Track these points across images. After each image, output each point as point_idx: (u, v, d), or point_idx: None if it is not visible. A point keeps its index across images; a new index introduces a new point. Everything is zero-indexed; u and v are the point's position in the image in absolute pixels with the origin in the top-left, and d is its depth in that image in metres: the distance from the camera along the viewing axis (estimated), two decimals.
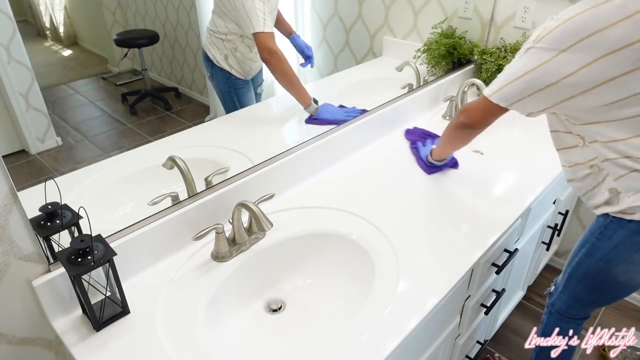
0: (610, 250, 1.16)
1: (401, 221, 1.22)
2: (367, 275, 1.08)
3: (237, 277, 1.08)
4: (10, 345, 0.95)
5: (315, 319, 1.08)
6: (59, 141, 1.00)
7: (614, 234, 1.14)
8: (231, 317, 1.05)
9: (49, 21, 1.00)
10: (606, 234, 1.16)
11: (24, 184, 0.87)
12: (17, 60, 0.88)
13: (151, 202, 1.07)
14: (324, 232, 1.18)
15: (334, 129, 1.44)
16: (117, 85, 1.15)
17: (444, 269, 1.07)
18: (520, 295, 1.93)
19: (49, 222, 0.89)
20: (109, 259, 0.87)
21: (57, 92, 1.01)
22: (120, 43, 1.13)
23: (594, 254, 1.20)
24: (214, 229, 1.07)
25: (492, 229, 1.20)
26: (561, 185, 1.67)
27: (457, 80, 1.91)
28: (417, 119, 1.77)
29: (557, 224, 1.77)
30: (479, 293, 1.33)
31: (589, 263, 1.22)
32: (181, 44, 1.24)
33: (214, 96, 1.34)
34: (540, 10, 1.82)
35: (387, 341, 0.90)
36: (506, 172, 1.44)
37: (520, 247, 1.51)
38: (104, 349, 0.89)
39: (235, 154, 1.29)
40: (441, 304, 1.02)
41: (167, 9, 1.17)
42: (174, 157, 1.13)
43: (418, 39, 1.84)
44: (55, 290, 0.92)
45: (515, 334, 1.96)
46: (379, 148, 1.57)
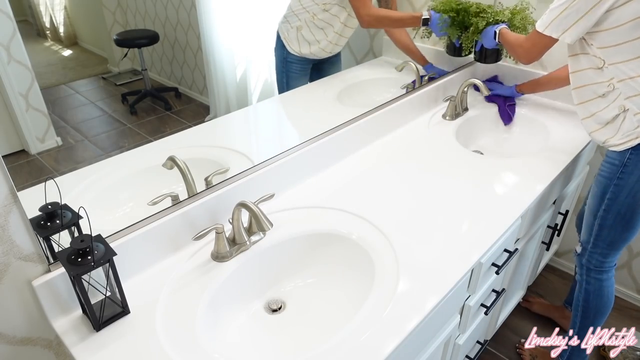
0: (636, 183, 1.29)
1: (401, 221, 1.22)
2: (367, 275, 1.08)
3: (237, 277, 1.08)
4: (10, 345, 0.95)
5: (315, 319, 1.08)
6: (59, 141, 1.00)
7: (635, 167, 1.28)
8: (231, 317, 1.05)
9: (49, 21, 1.00)
10: (627, 170, 1.29)
11: (24, 184, 0.87)
12: (17, 60, 0.88)
13: (151, 202, 1.07)
14: (324, 232, 1.18)
15: (334, 129, 1.44)
16: (117, 85, 1.15)
17: (444, 269, 1.07)
18: (520, 295, 1.93)
19: (49, 222, 0.89)
20: (109, 259, 0.87)
21: (57, 92, 1.01)
22: (120, 43, 1.13)
23: (619, 195, 1.33)
24: (214, 229, 1.07)
25: (492, 229, 1.20)
26: (561, 186, 1.67)
27: (457, 80, 1.91)
28: (417, 118, 1.77)
29: (557, 224, 1.77)
30: (479, 293, 1.33)
31: (617, 205, 1.35)
32: (181, 44, 1.24)
33: (214, 96, 1.34)
34: (540, 11, 1.81)
35: (387, 341, 0.90)
36: (506, 172, 1.44)
37: (520, 247, 1.51)
38: (104, 349, 0.89)
39: (235, 154, 1.29)
40: (441, 304, 1.02)
41: (167, 9, 1.17)
42: (174, 157, 1.13)
43: (418, 38, 1.83)
44: (55, 290, 0.92)
45: (515, 334, 1.96)
46: (378, 148, 1.57)
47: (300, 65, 1.47)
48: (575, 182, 1.89)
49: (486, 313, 1.41)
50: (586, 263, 1.50)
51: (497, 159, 1.53)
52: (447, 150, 1.56)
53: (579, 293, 1.57)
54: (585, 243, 1.49)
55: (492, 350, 1.89)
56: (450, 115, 1.77)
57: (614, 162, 1.33)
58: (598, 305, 1.54)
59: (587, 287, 1.53)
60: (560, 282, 2.22)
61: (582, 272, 1.53)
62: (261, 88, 1.47)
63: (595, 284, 1.51)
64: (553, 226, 1.77)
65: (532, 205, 1.35)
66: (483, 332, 1.64)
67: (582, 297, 1.55)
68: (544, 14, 1.26)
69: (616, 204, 1.36)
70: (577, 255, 1.54)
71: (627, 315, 2.06)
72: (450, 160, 1.50)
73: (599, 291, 1.52)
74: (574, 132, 1.65)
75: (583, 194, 2.05)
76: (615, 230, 1.40)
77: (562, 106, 1.85)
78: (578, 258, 1.54)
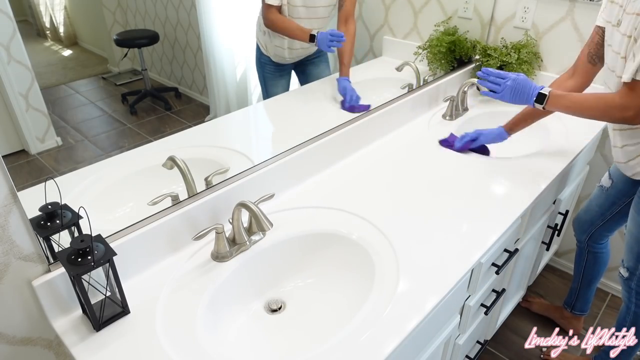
0: None
1: (401, 221, 1.22)
2: (367, 275, 1.08)
3: (237, 277, 1.08)
4: (10, 345, 0.95)
5: (315, 319, 1.08)
6: (59, 141, 1.00)
7: None
8: (231, 317, 1.05)
9: (49, 21, 1.00)
10: None
11: (24, 184, 0.87)
12: (17, 60, 0.88)
13: (151, 202, 1.07)
14: (324, 232, 1.18)
15: (334, 129, 1.44)
16: (117, 85, 1.15)
17: (444, 269, 1.07)
18: (520, 295, 1.93)
19: (49, 222, 0.89)
20: (109, 259, 0.87)
21: (57, 92, 1.01)
22: (120, 43, 1.13)
23: None
24: (214, 229, 1.07)
25: (492, 229, 1.20)
26: (561, 186, 1.67)
27: (457, 80, 1.91)
28: (417, 118, 1.77)
29: (557, 224, 1.77)
30: (479, 293, 1.33)
31: None
32: (181, 44, 1.24)
33: (213, 96, 1.34)
34: (540, 11, 1.82)
35: (387, 341, 0.90)
36: (506, 172, 1.44)
37: (520, 247, 1.51)
38: (104, 349, 0.89)
39: (235, 154, 1.29)
40: (441, 303, 1.02)
41: (167, 9, 1.17)
42: (174, 157, 1.13)
43: (418, 38, 1.84)
44: (55, 290, 0.92)
45: (515, 334, 1.96)
46: (379, 148, 1.57)
47: (274, 66, 1.47)
48: (575, 182, 1.89)
49: (486, 313, 1.42)
50: (635, 287, 1.48)
51: (497, 159, 1.53)
52: (447, 151, 1.56)
53: (626, 315, 1.55)
54: (632, 269, 1.47)
55: (492, 350, 1.89)
56: (450, 115, 1.77)
57: None
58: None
59: (637, 310, 1.52)
60: (560, 282, 2.22)
61: (631, 295, 1.51)
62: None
63: None
64: (553, 226, 1.77)
65: (532, 205, 1.35)
66: (483, 332, 1.64)
67: (631, 319, 1.54)
68: (631, 64, 1.13)
69: None
70: (625, 280, 1.52)
71: None
72: (450, 161, 1.50)
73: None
74: (573, 132, 1.65)
75: (583, 194, 2.05)
76: None
77: None
78: (626, 282, 1.52)
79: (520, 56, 1.80)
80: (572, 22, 1.77)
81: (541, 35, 1.86)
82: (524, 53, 1.81)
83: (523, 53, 1.81)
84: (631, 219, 1.43)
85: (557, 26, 1.81)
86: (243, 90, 1.44)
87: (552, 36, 1.84)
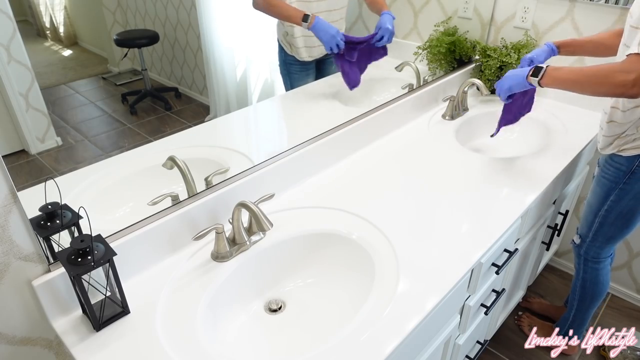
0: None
1: (401, 221, 1.22)
2: (367, 275, 1.08)
3: (237, 277, 1.08)
4: (10, 345, 0.95)
5: (315, 319, 1.08)
6: (59, 141, 1.00)
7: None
8: (231, 317, 1.05)
9: (49, 21, 1.00)
10: (635, 177, 1.33)
11: (24, 184, 0.87)
12: (17, 60, 0.88)
13: (151, 202, 1.07)
14: (324, 232, 1.18)
15: (334, 129, 1.44)
16: (117, 85, 1.15)
17: (444, 269, 1.07)
18: (520, 295, 1.93)
19: (49, 222, 0.89)
20: (109, 259, 0.87)
21: (57, 92, 1.01)
22: (120, 43, 1.13)
23: (624, 197, 1.38)
24: (214, 229, 1.07)
25: (492, 229, 1.20)
26: (561, 186, 1.67)
27: (457, 80, 1.91)
28: (417, 118, 1.77)
29: (557, 224, 1.77)
30: (479, 293, 1.33)
31: (620, 206, 1.40)
32: (181, 44, 1.24)
33: (214, 96, 1.34)
34: (540, 11, 1.82)
35: (387, 341, 0.90)
36: (506, 172, 1.44)
37: (520, 247, 1.51)
38: (104, 349, 0.89)
39: (235, 154, 1.29)
40: (441, 303, 1.02)
41: (167, 9, 1.17)
42: (174, 157, 1.13)
43: (418, 39, 1.84)
44: (55, 290, 0.92)
45: (515, 334, 1.96)
46: (379, 148, 1.57)
47: (299, 66, 1.47)
48: (575, 182, 1.89)
49: (486, 313, 1.41)
50: (584, 254, 1.59)
51: (497, 159, 1.53)
52: (447, 150, 1.56)
53: (576, 280, 1.67)
54: (584, 236, 1.56)
55: (492, 350, 1.89)
56: (450, 115, 1.77)
57: (621, 168, 1.36)
58: (594, 291, 1.64)
59: (584, 275, 1.62)
60: (560, 282, 2.22)
61: (580, 261, 1.62)
62: (261, 88, 1.47)
63: (592, 272, 1.61)
64: (553, 226, 1.77)
65: (532, 205, 1.35)
66: (483, 332, 1.64)
67: (580, 284, 1.66)
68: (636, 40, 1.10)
69: (619, 206, 1.41)
70: (576, 246, 1.62)
71: (627, 315, 2.06)
72: (450, 160, 1.50)
73: (595, 279, 1.61)
74: (574, 132, 1.65)
75: (583, 194, 2.05)
76: (615, 227, 1.47)
77: (562, 106, 1.85)
78: (576, 248, 1.62)
79: (520, 56, 1.80)
80: (572, 22, 1.77)
81: (541, 35, 1.86)
82: (524, 53, 1.81)
83: (523, 53, 1.81)
84: (591, 190, 1.50)
85: (557, 26, 1.81)
86: (243, 90, 1.44)
87: (552, 36, 1.84)
